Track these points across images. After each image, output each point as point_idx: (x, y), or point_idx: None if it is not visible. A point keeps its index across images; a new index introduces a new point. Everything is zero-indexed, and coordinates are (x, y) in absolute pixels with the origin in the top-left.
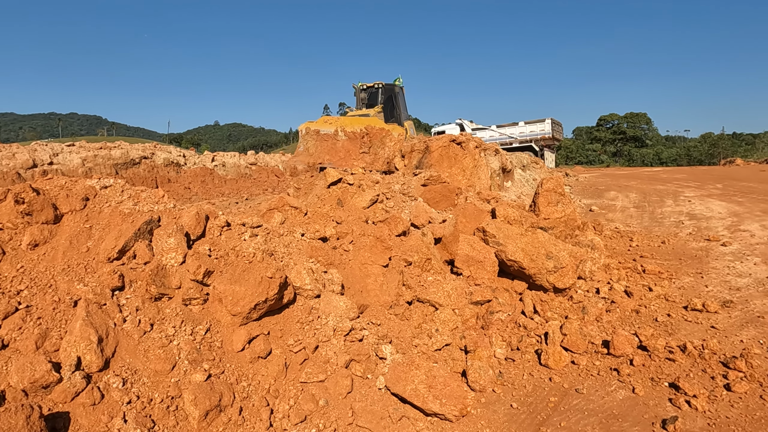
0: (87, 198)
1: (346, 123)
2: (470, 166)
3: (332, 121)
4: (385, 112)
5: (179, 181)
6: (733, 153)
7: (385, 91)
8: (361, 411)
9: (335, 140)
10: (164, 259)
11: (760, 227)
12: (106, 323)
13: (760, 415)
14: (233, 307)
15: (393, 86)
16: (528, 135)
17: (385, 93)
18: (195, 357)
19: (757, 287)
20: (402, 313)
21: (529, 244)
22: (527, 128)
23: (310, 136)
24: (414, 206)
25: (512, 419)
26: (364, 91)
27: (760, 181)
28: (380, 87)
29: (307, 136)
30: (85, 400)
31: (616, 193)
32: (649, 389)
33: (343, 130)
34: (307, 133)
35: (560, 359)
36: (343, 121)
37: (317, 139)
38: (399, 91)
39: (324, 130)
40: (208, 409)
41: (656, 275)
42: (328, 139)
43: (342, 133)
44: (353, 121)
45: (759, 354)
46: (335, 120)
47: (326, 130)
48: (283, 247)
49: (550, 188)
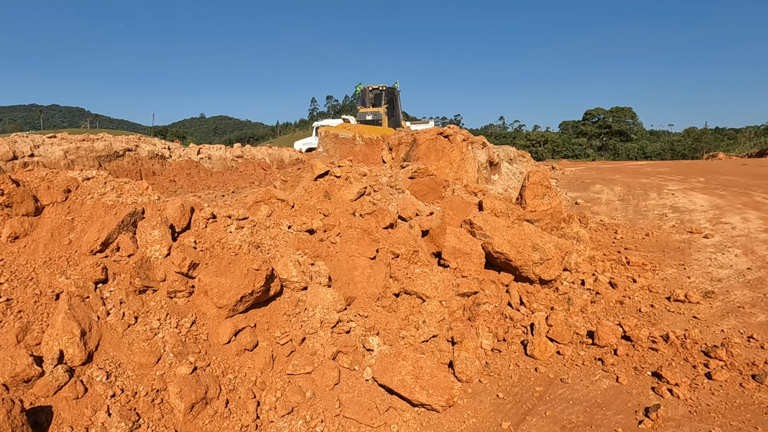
0: (69, 190)
1: (364, 130)
2: (457, 159)
3: (350, 127)
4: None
5: (164, 173)
6: (715, 147)
7: (387, 94)
8: (348, 402)
9: (353, 144)
10: (149, 252)
11: (741, 220)
12: (89, 316)
13: (740, 402)
14: (219, 300)
15: (393, 89)
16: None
17: (388, 95)
18: (180, 350)
19: (737, 278)
20: (389, 305)
21: (515, 237)
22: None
23: (329, 139)
24: (401, 199)
25: (498, 409)
26: (371, 92)
27: (742, 174)
28: (384, 90)
29: (326, 138)
30: (67, 393)
31: (601, 186)
32: (633, 378)
33: (361, 136)
34: (326, 135)
35: (546, 350)
36: (361, 129)
37: (336, 142)
38: (397, 95)
39: (343, 135)
40: (193, 402)
41: (640, 267)
42: (347, 143)
43: (360, 139)
44: (371, 130)
45: (739, 343)
46: (353, 127)
47: (345, 134)
48: (270, 240)
49: (536, 181)
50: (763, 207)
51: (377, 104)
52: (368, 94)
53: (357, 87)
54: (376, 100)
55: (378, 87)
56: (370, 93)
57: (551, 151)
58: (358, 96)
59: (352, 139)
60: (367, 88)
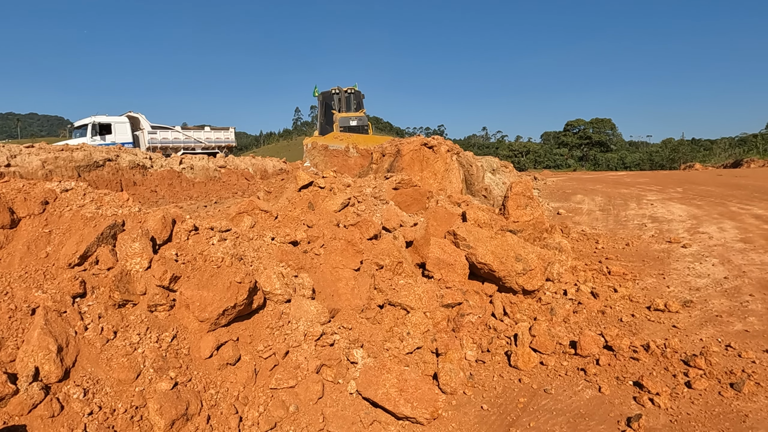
0: (46, 201)
1: (359, 141)
2: (441, 169)
3: (343, 137)
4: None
5: (145, 184)
6: (692, 158)
7: (356, 97)
8: (332, 416)
9: (346, 156)
10: (128, 265)
11: (717, 229)
12: (66, 331)
13: (719, 410)
14: (201, 313)
15: (360, 92)
16: (214, 141)
17: (356, 98)
18: (161, 365)
19: (715, 287)
20: (373, 317)
21: (498, 247)
22: (213, 134)
23: (317, 151)
24: (385, 210)
25: (482, 421)
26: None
27: (717, 185)
28: (354, 92)
29: (313, 151)
30: (43, 412)
31: (582, 196)
32: (615, 388)
33: (355, 147)
34: (313, 147)
35: (529, 360)
36: (356, 139)
37: (326, 154)
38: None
39: (334, 146)
40: (174, 419)
41: (621, 276)
42: (339, 155)
43: (354, 150)
44: (367, 140)
45: (717, 351)
46: (346, 137)
47: (336, 146)
48: (253, 252)
49: (519, 192)
50: (738, 217)
51: (350, 108)
52: (343, 96)
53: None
54: (349, 102)
55: (349, 89)
56: (345, 95)
57: (533, 161)
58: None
59: (344, 150)
60: (341, 90)
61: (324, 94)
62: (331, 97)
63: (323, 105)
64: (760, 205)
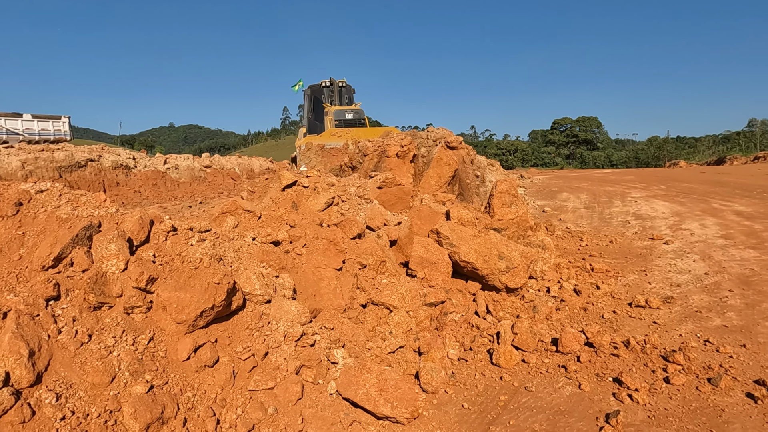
0: (20, 203)
1: (358, 135)
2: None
3: (340, 134)
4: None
5: (129, 184)
6: (676, 155)
7: (347, 90)
8: (311, 417)
9: (346, 154)
10: (104, 266)
11: (699, 226)
12: (38, 335)
13: (696, 405)
14: (178, 315)
15: (350, 86)
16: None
17: (347, 92)
18: (137, 368)
19: (695, 283)
20: (356, 317)
21: (482, 245)
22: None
23: (313, 153)
24: (369, 209)
25: (463, 419)
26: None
27: (701, 182)
28: (345, 85)
29: (309, 153)
30: (13, 418)
31: (568, 194)
32: (595, 385)
33: (355, 143)
34: (308, 149)
35: (511, 358)
36: (354, 133)
37: (323, 155)
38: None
39: (331, 144)
40: (149, 422)
41: (604, 273)
42: (337, 153)
43: (353, 146)
44: (367, 133)
45: (696, 347)
46: (343, 132)
47: (333, 144)
48: (233, 252)
49: (504, 190)
50: (720, 213)
51: (342, 102)
52: (336, 89)
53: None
54: (341, 96)
55: (341, 81)
56: (338, 87)
57: (521, 159)
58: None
59: (343, 148)
60: (334, 81)
61: (312, 88)
62: (321, 91)
63: (311, 100)
64: (741, 202)
